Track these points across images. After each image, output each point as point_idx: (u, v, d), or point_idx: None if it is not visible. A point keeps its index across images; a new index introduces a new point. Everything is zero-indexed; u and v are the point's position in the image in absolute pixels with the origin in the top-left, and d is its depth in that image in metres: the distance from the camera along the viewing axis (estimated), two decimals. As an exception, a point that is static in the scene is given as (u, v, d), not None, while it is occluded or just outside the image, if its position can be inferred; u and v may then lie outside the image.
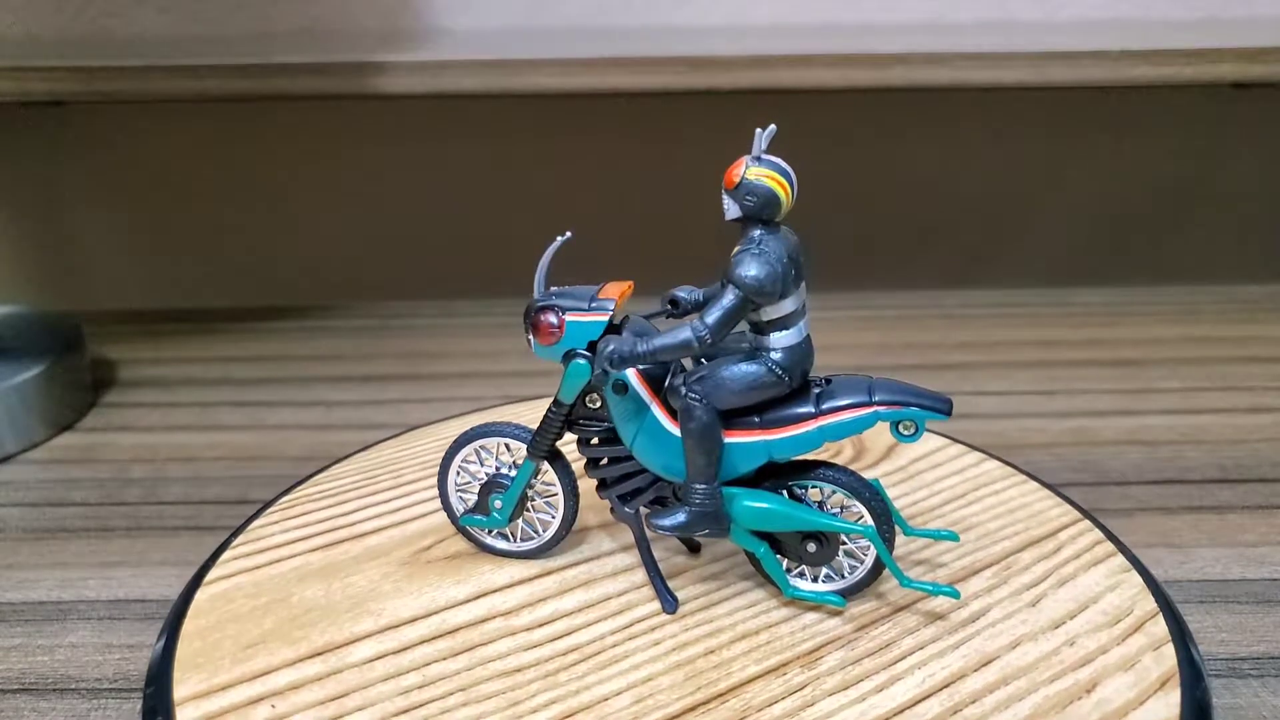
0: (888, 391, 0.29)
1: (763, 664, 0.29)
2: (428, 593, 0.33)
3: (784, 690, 0.28)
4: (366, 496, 0.38)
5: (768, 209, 0.27)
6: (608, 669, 0.29)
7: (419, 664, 0.29)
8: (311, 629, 0.31)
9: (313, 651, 0.30)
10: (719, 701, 0.28)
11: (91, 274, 0.72)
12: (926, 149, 0.69)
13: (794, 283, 0.28)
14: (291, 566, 0.34)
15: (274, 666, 0.29)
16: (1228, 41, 0.57)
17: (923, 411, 0.29)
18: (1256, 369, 0.53)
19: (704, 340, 0.28)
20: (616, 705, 0.27)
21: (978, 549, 0.34)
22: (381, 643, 0.30)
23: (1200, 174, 0.71)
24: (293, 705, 0.28)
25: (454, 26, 0.64)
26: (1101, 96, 0.67)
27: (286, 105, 0.65)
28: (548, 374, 0.37)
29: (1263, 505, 0.41)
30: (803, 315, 0.29)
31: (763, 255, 0.27)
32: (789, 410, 0.29)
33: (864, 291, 0.65)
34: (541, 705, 0.27)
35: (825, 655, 0.29)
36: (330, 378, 0.54)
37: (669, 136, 0.66)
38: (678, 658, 0.29)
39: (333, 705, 0.28)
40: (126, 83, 0.55)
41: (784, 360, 0.29)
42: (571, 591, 0.32)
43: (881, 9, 0.64)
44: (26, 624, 0.35)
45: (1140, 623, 0.30)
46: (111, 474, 0.45)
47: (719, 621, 0.31)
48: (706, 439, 0.29)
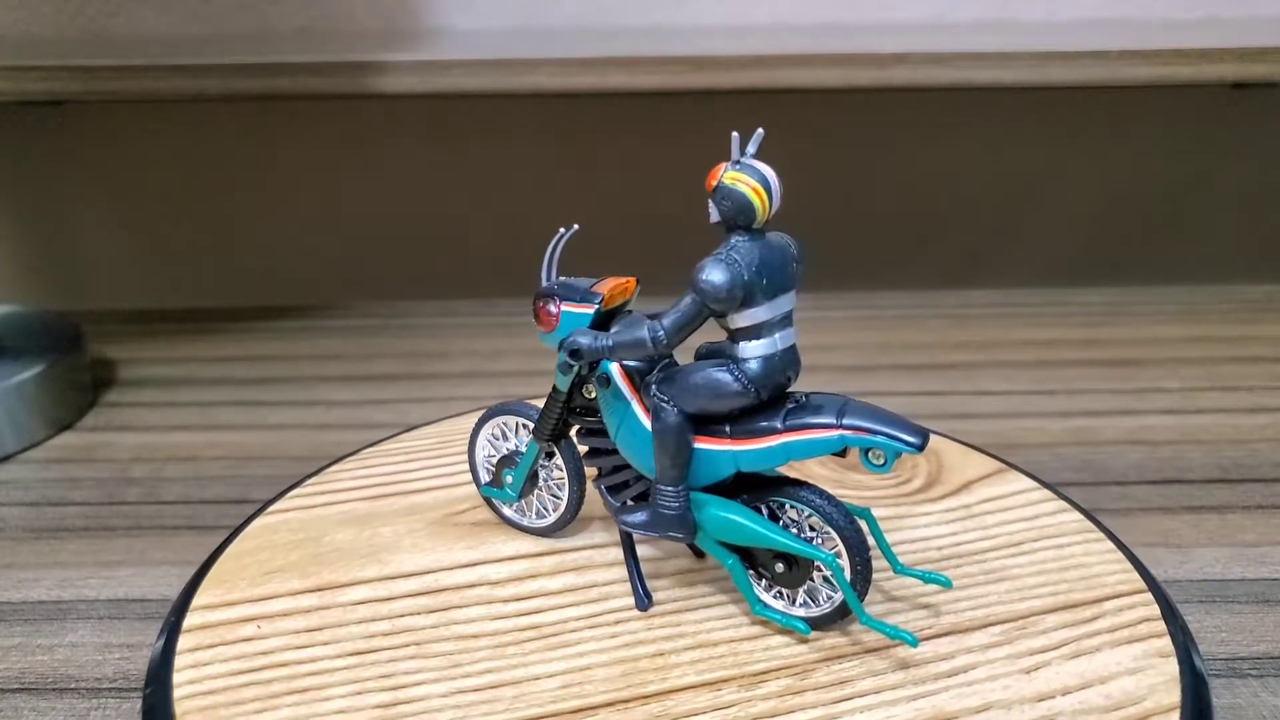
0: (859, 416, 0.27)
1: (703, 676, 0.28)
2: (437, 553, 0.34)
3: (709, 705, 0.27)
4: (434, 459, 0.40)
5: (742, 215, 0.27)
6: (555, 651, 0.30)
7: (394, 614, 0.31)
8: (324, 567, 0.34)
9: (315, 587, 0.33)
10: (640, 703, 0.27)
11: (91, 274, 0.72)
12: (927, 149, 0.69)
13: (765, 292, 0.27)
14: (339, 510, 0.37)
15: (278, 594, 0.32)
16: (1228, 41, 0.57)
17: (891, 442, 0.26)
18: (1256, 369, 0.53)
19: (659, 341, 0.28)
20: (543, 686, 0.28)
21: (1000, 603, 0.31)
22: (374, 590, 0.32)
23: (1200, 174, 0.71)
24: (274, 629, 0.31)
25: (454, 26, 0.64)
26: (1101, 96, 0.67)
27: (286, 105, 0.65)
28: (548, 374, 0.37)
29: (1263, 505, 0.41)
30: (781, 327, 0.28)
31: (727, 261, 0.26)
32: (758, 422, 0.28)
33: (864, 291, 0.65)
34: (477, 673, 0.29)
35: (770, 680, 0.28)
36: (330, 378, 0.54)
37: (669, 136, 0.66)
38: (625, 654, 0.29)
39: (305, 635, 0.30)
40: (126, 82, 0.55)
41: (752, 370, 0.27)
42: (563, 574, 0.33)
43: (881, 9, 0.64)
44: (26, 623, 0.35)
45: (1147, 716, 0.27)
46: (111, 474, 0.45)
47: (685, 627, 0.30)
48: (671, 441, 0.29)
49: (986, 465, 0.39)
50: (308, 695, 0.28)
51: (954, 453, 0.40)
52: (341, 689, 0.28)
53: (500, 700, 0.28)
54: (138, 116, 0.66)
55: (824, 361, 0.55)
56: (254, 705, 0.28)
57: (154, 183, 0.69)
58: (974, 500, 0.37)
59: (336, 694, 0.28)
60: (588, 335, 0.30)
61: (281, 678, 0.29)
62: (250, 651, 0.30)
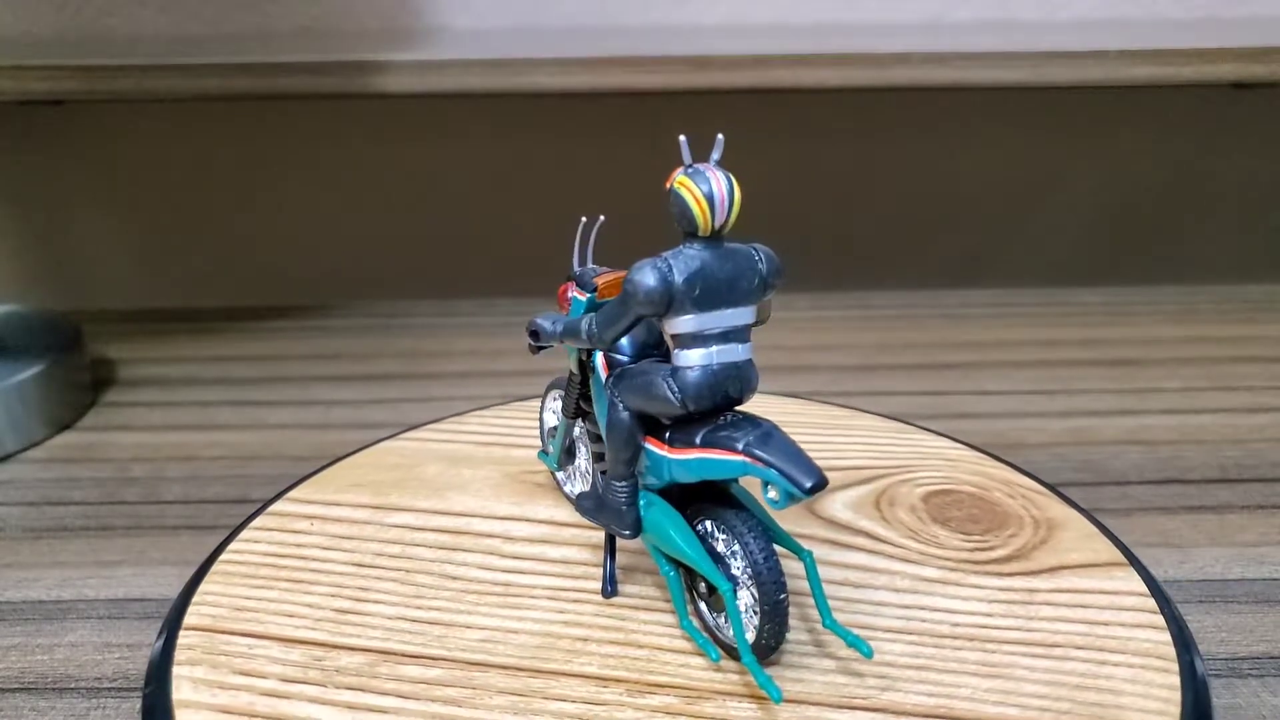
0: (765, 447, 0.25)
1: (603, 670, 0.28)
2: (486, 501, 0.37)
3: (583, 697, 0.27)
4: None
5: (683, 221, 0.26)
6: (502, 610, 0.31)
7: (410, 542, 0.34)
8: (396, 490, 0.37)
9: (376, 504, 0.36)
10: (529, 675, 0.28)
11: (91, 274, 0.72)
12: (926, 148, 0.69)
13: (696, 303, 0.26)
14: (448, 448, 0.40)
15: (346, 502, 0.36)
16: (1228, 41, 0.57)
17: (781, 479, 0.25)
18: (1256, 369, 0.53)
19: (590, 333, 0.28)
20: (466, 635, 0.30)
21: (968, 699, 0.27)
22: (415, 518, 0.36)
23: (1200, 174, 0.71)
24: (320, 530, 0.35)
25: (454, 26, 0.64)
26: (1101, 96, 0.67)
27: (287, 104, 0.65)
28: (546, 374, 0.37)
29: (1263, 505, 0.41)
30: (720, 341, 0.26)
31: (658, 265, 0.25)
32: (687, 433, 0.27)
33: (864, 291, 0.65)
34: (427, 608, 0.31)
35: (657, 694, 0.28)
36: (330, 378, 0.54)
37: (669, 136, 0.66)
38: (554, 629, 0.30)
39: (336, 540, 0.34)
40: (126, 82, 0.55)
41: (683, 379, 0.26)
42: (570, 547, 0.34)
43: (881, 9, 0.64)
44: (26, 623, 0.35)
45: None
46: (111, 473, 0.45)
47: (627, 623, 0.30)
48: (617, 437, 0.29)
49: (1103, 554, 0.33)
50: (297, 586, 0.32)
51: (1074, 531, 0.35)
52: (323, 588, 0.32)
53: (425, 636, 0.30)
54: (138, 116, 0.66)
55: (824, 361, 0.55)
56: (245, 570, 0.33)
57: (154, 182, 0.69)
58: (1049, 587, 0.32)
59: (317, 590, 0.32)
60: (549, 319, 0.30)
61: (290, 565, 0.33)
62: (280, 541, 0.34)
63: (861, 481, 0.38)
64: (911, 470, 0.39)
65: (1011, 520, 0.35)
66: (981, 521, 0.35)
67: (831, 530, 0.35)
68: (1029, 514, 0.36)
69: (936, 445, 0.41)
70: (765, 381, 0.28)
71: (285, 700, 0.28)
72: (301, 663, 0.29)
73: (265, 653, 0.29)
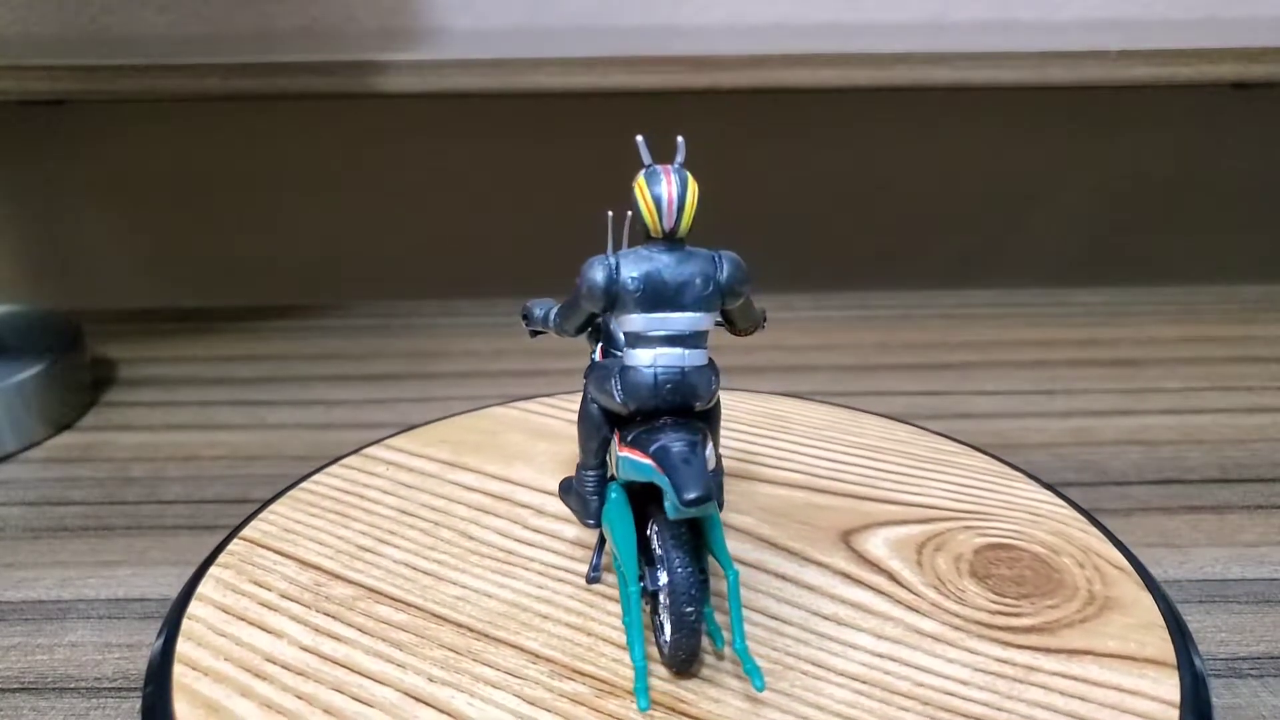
0: (664, 453, 0.25)
1: (540, 647, 0.29)
2: (543, 474, 0.38)
3: (505, 668, 0.28)
4: None
5: (638, 220, 0.26)
6: (491, 574, 0.32)
7: (455, 499, 0.37)
8: (475, 453, 0.40)
9: (450, 462, 0.39)
10: (475, 637, 0.29)
11: (91, 274, 0.72)
12: (926, 148, 0.69)
13: (639, 304, 0.26)
14: (538, 421, 0.42)
15: (427, 455, 0.39)
16: (1228, 41, 0.57)
17: (668, 486, 0.24)
18: (1256, 369, 0.53)
19: (555, 324, 0.29)
20: (447, 590, 0.32)
21: None
22: (475, 479, 0.38)
23: (1200, 174, 0.71)
24: (392, 475, 0.38)
25: (454, 26, 0.64)
26: (1101, 96, 0.67)
27: (287, 104, 0.65)
28: (546, 374, 0.37)
29: (1263, 505, 0.41)
30: (665, 344, 0.26)
31: (610, 263, 0.26)
32: (627, 431, 0.27)
33: (864, 291, 0.65)
34: (431, 560, 0.33)
35: (574, 681, 0.28)
36: (330, 377, 0.54)
37: (669, 136, 0.66)
38: (522, 600, 0.31)
39: (397, 486, 0.37)
40: (126, 82, 0.55)
41: (625, 379, 0.26)
42: (592, 531, 0.33)
43: (881, 9, 0.64)
44: (26, 623, 0.35)
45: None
46: (111, 473, 0.45)
47: (593, 610, 0.31)
48: (583, 426, 0.29)
49: (1149, 649, 0.29)
50: (341, 520, 0.35)
51: (1130, 618, 0.30)
52: (359, 525, 0.35)
53: (414, 584, 0.32)
54: (138, 116, 0.66)
55: (823, 361, 0.55)
56: (313, 498, 0.36)
57: (154, 182, 0.69)
58: (1055, 669, 0.28)
59: (353, 526, 0.35)
60: (541, 305, 0.31)
61: (349, 500, 0.36)
62: (354, 480, 0.38)
63: (921, 520, 0.35)
64: (986, 518, 0.35)
65: (1063, 590, 0.31)
66: (1026, 585, 0.32)
67: (854, 564, 0.33)
68: (1088, 588, 0.32)
69: (1034, 496, 0.37)
70: (766, 381, 0.28)
71: (272, 612, 0.31)
72: (304, 584, 0.32)
73: (282, 570, 0.32)
